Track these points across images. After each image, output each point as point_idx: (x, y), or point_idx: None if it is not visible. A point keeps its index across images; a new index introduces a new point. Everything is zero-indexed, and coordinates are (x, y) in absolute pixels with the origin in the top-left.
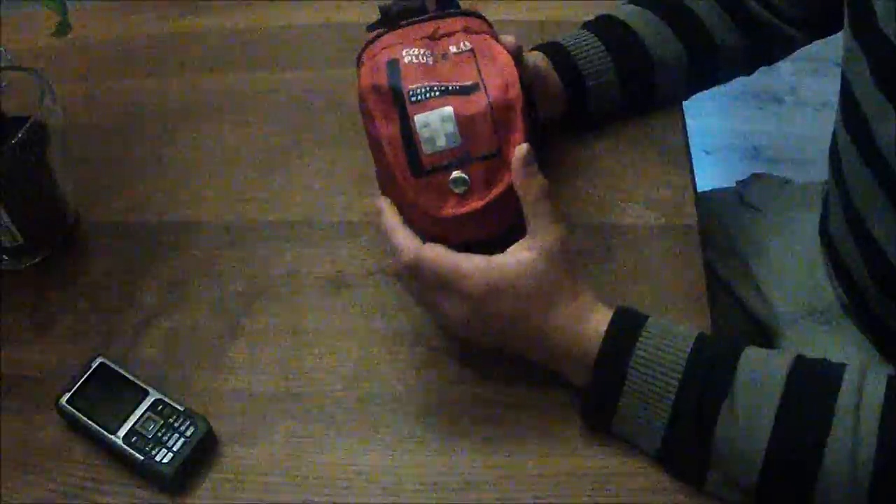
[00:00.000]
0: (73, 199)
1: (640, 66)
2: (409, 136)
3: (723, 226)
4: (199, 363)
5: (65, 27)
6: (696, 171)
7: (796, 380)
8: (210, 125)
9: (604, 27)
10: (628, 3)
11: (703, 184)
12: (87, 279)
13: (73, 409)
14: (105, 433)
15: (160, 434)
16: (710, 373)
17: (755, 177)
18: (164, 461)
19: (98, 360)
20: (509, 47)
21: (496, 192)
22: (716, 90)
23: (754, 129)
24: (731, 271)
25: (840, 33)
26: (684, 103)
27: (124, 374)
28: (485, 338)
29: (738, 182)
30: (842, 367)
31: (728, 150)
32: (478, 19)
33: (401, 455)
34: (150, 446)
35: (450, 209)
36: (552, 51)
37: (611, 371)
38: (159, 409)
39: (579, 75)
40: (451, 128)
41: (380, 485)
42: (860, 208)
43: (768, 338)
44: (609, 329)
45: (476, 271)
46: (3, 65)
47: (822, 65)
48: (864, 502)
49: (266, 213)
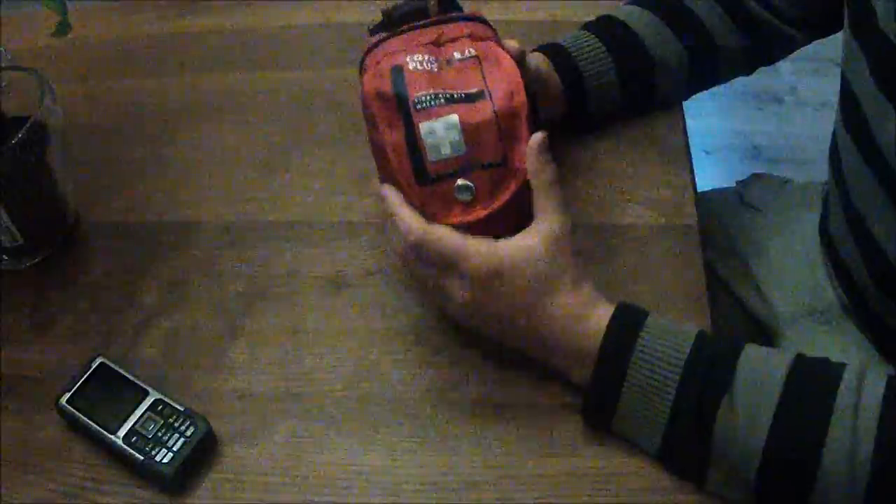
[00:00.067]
0: (73, 199)
1: (640, 67)
2: (413, 143)
3: (723, 226)
4: (199, 363)
5: (65, 27)
6: (696, 171)
7: (796, 378)
8: (210, 125)
9: (604, 28)
10: (628, 4)
11: (703, 184)
12: (87, 279)
13: (73, 409)
14: (105, 433)
15: (160, 434)
16: (710, 370)
17: (755, 177)
18: (164, 461)
19: (98, 360)
20: (513, 52)
21: (501, 200)
22: (716, 90)
23: (754, 129)
24: (731, 271)
25: (840, 33)
26: (684, 103)
27: (124, 374)
28: (486, 323)
29: (738, 182)
30: (841, 367)
31: (728, 150)
32: (481, 24)
33: (401, 455)
34: (150, 446)
35: (455, 217)
36: (553, 52)
37: (611, 368)
38: (159, 409)
39: (580, 76)
40: (456, 136)
41: (380, 485)
42: (860, 208)
43: (768, 338)
44: (610, 326)
45: (480, 252)
46: (3, 65)
47: (822, 65)
48: (863, 501)
49: (266, 213)
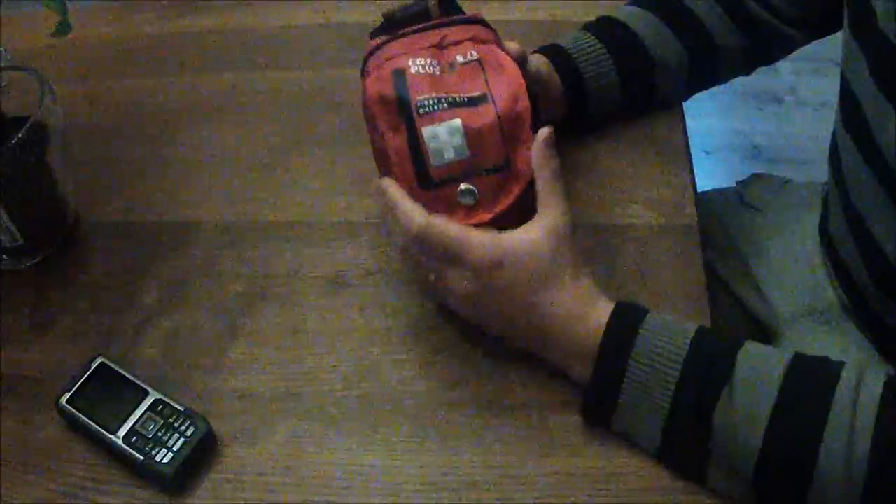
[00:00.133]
0: (73, 199)
1: (640, 68)
2: (416, 147)
3: (723, 226)
4: (199, 363)
5: (65, 27)
6: (696, 171)
7: (794, 377)
8: (210, 125)
9: (604, 29)
10: (628, 4)
11: (703, 184)
12: (87, 279)
13: (73, 409)
14: (105, 433)
15: (160, 434)
16: (709, 367)
17: (755, 177)
18: (164, 461)
19: (98, 360)
20: (514, 54)
21: (504, 204)
22: (716, 90)
23: (754, 128)
24: (731, 271)
25: (839, 33)
26: (684, 103)
27: (124, 374)
28: (486, 317)
29: (738, 182)
30: (840, 366)
31: (728, 150)
32: (483, 27)
33: (401, 455)
34: (150, 446)
35: (458, 221)
36: (553, 53)
37: (611, 365)
38: (159, 409)
39: (580, 78)
40: (459, 140)
41: (380, 485)
42: (860, 208)
43: (768, 338)
44: (610, 323)
45: (483, 243)
46: (3, 65)
47: (821, 65)
48: (859, 499)
49: (266, 213)
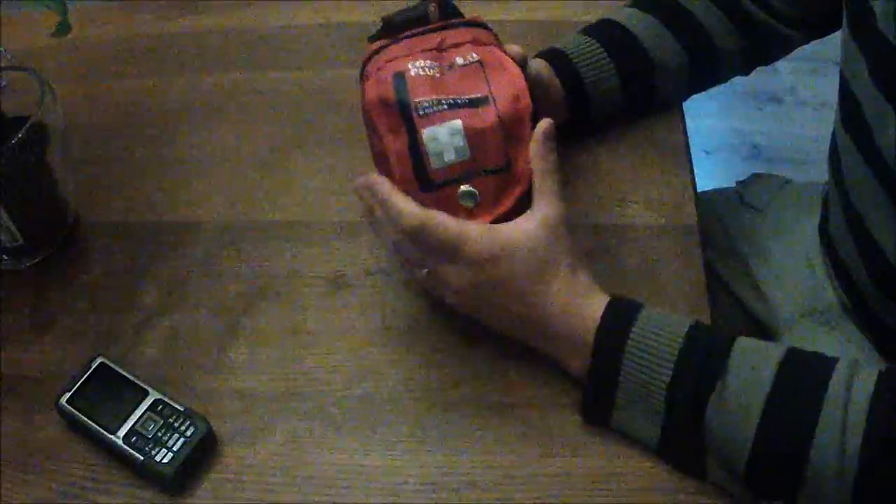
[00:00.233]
0: (73, 199)
1: (640, 70)
2: (416, 149)
3: (723, 226)
4: (199, 363)
5: (65, 27)
6: (696, 171)
7: (787, 371)
8: (210, 125)
9: (604, 32)
10: (627, 6)
11: (703, 184)
12: (87, 279)
13: (73, 409)
14: (105, 433)
15: (160, 434)
16: (703, 361)
17: (755, 177)
18: (164, 461)
19: (98, 360)
20: (515, 57)
21: (505, 206)
22: (715, 90)
23: (754, 129)
24: (731, 271)
25: (839, 32)
26: (684, 103)
27: (124, 374)
28: (483, 309)
29: (738, 182)
30: (833, 361)
31: (728, 150)
32: (483, 29)
33: (401, 455)
34: (150, 446)
35: None
36: (553, 57)
37: (606, 360)
38: (159, 409)
39: (581, 82)
40: (459, 141)
41: (380, 485)
42: (860, 208)
43: (768, 338)
44: (604, 317)
45: (479, 236)
46: (3, 65)
47: (821, 65)
48: (850, 495)
49: (266, 213)
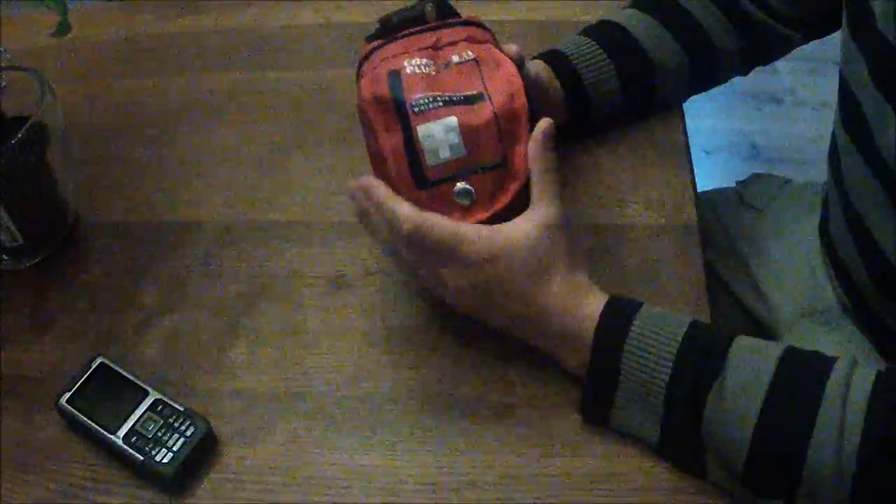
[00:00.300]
0: (73, 199)
1: (640, 71)
2: (411, 147)
3: (723, 226)
4: (199, 363)
5: (65, 27)
6: (696, 171)
7: (785, 370)
8: (210, 125)
9: (604, 33)
10: (627, 8)
11: (703, 184)
12: (87, 279)
13: (73, 409)
14: (105, 433)
15: (160, 434)
16: (702, 359)
17: (755, 177)
18: (164, 461)
19: (98, 360)
20: (512, 56)
21: (502, 202)
22: (715, 90)
23: (754, 129)
24: (731, 271)
25: (838, 32)
26: (684, 104)
27: (124, 374)
28: (483, 309)
29: (738, 182)
30: (832, 360)
31: (728, 150)
32: (480, 28)
33: (401, 455)
34: (150, 446)
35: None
36: (553, 59)
37: (605, 359)
38: (159, 409)
39: (581, 83)
40: (455, 138)
41: (380, 485)
42: (860, 208)
43: (768, 338)
44: (603, 315)
45: (477, 237)
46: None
47: (820, 65)
48: (848, 494)
49: (266, 213)
